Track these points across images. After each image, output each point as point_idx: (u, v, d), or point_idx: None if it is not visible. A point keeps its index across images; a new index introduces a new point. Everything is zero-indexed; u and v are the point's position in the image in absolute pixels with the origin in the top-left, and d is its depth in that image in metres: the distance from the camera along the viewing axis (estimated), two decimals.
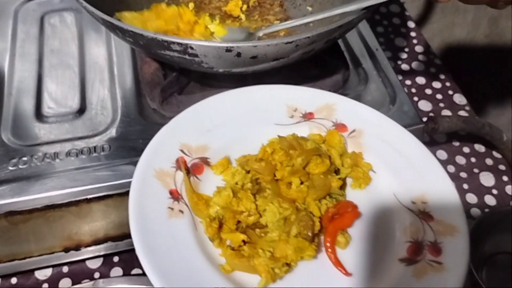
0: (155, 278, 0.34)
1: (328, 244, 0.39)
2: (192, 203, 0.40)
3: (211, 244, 0.39)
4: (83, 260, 0.54)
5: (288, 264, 0.38)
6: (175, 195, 0.40)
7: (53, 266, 0.53)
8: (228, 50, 0.40)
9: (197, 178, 0.42)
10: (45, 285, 0.52)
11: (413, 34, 0.80)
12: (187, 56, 0.41)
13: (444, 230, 0.39)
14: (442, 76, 0.74)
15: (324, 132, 0.46)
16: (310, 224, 0.39)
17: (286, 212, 0.39)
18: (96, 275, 0.53)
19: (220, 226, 0.39)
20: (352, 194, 0.43)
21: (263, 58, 0.42)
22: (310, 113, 0.47)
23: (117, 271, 0.53)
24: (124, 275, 0.53)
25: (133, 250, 0.54)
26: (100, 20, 0.42)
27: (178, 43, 0.39)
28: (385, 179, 0.44)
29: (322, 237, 0.40)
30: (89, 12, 0.43)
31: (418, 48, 0.78)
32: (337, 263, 0.38)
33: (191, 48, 0.40)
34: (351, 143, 0.46)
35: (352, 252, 0.39)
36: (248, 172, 0.42)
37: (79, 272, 0.53)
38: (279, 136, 0.45)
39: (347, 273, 0.38)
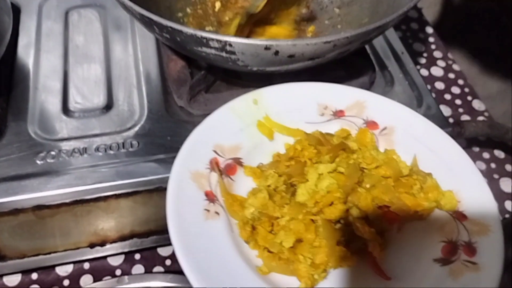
0: (193, 278, 0.34)
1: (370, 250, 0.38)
2: (227, 205, 0.40)
3: (247, 246, 0.39)
4: (105, 257, 0.53)
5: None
6: (210, 197, 0.40)
7: (74, 262, 0.53)
8: (267, 48, 0.40)
9: (230, 179, 0.42)
10: (66, 281, 0.52)
11: (431, 39, 0.81)
12: (224, 54, 0.41)
13: (478, 230, 0.39)
14: (461, 82, 0.74)
15: (356, 130, 0.46)
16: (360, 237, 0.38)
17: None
18: (118, 272, 0.53)
19: (254, 228, 0.39)
20: None
21: (299, 57, 0.42)
22: (341, 111, 0.47)
23: (138, 268, 0.53)
24: (146, 272, 0.53)
25: (155, 248, 0.54)
26: (138, 16, 0.42)
27: (218, 40, 0.39)
28: None
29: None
30: (127, 7, 0.42)
31: (437, 54, 0.78)
32: (377, 268, 0.38)
33: (230, 45, 0.40)
34: (383, 141, 0.46)
35: (386, 254, 0.39)
36: (280, 176, 0.42)
37: (101, 269, 0.53)
38: (305, 133, 0.45)
39: (387, 277, 0.37)
